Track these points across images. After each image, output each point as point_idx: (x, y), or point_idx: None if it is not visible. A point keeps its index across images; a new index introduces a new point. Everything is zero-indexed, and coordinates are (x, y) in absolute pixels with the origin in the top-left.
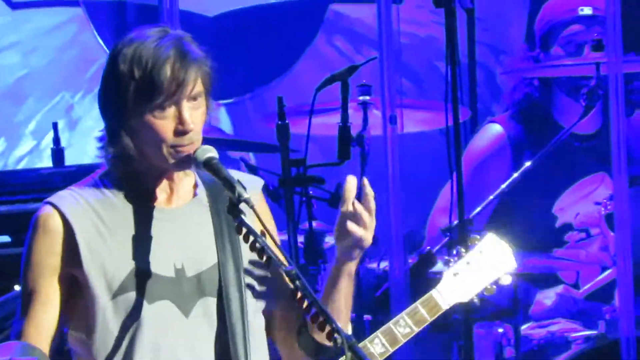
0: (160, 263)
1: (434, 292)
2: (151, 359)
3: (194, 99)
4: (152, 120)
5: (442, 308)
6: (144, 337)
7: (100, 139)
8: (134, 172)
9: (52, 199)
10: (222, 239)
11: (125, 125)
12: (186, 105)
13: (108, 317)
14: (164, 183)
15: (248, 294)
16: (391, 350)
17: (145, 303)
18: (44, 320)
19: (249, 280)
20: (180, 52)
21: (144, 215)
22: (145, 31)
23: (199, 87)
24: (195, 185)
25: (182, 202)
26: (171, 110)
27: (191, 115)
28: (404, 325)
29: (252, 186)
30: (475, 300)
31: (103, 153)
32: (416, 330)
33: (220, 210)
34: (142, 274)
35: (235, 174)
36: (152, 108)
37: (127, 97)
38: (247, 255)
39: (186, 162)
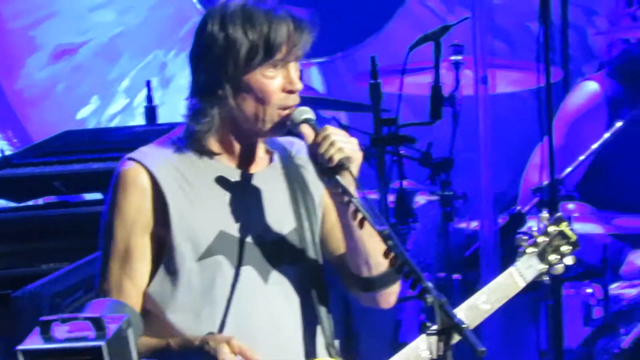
0: (244, 227)
1: (512, 270)
2: (233, 323)
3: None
4: (262, 79)
5: (519, 286)
6: (225, 302)
7: (191, 104)
8: (218, 135)
9: (136, 155)
10: (298, 206)
11: (225, 86)
12: (294, 66)
13: (192, 280)
14: (247, 148)
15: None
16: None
17: (230, 267)
18: (141, 276)
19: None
20: (294, 16)
21: (227, 178)
22: None
23: (305, 50)
24: (269, 152)
25: (260, 167)
26: (280, 71)
27: (296, 75)
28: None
29: None
30: (546, 279)
31: (191, 114)
32: (496, 307)
33: (293, 177)
34: (228, 238)
35: None
36: (265, 68)
37: (238, 57)
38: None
39: (282, 126)
